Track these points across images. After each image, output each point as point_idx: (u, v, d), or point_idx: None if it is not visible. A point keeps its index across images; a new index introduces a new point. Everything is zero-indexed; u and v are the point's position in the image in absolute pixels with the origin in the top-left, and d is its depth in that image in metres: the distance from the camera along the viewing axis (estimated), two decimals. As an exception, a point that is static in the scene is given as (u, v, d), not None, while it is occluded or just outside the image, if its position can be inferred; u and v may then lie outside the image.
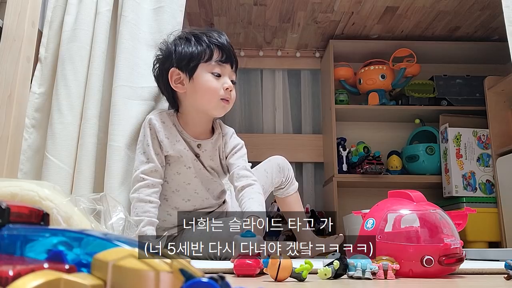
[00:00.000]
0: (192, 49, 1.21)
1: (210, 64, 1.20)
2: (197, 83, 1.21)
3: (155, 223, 1.16)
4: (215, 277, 0.26)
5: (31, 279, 0.21)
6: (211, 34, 1.23)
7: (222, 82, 1.20)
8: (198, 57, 1.20)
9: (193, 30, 1.27)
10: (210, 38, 1.21)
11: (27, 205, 0.37)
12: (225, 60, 1.21)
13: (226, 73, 1.22)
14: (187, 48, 1.21)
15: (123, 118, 1.37)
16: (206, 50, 1.20)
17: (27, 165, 1.40)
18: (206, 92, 1.21)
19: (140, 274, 0.23)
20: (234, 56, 1.24)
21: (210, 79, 1.20)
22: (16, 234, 0.35)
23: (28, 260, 0.31)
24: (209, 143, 1.28)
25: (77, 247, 0.30)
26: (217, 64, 1.20)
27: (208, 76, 1.20)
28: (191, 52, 1.20)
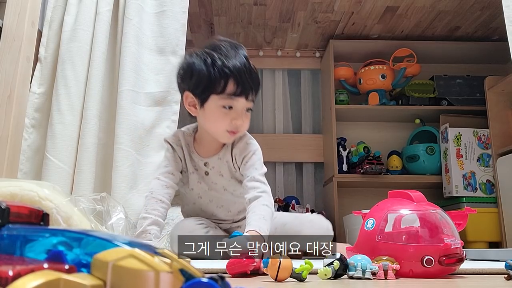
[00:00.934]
0: (206, 77, 1.12)
1: (223, 97, 1.12)
2: (207, 112, 1.16)
3: (161, 223, 1.16)
4: (215, 277, 0.26)
5: (31, 279, 0.20)
6: (228, 56, 1.12)
7: (231, 116, 1.14)
8: (211, 88, 1.13)
9: (213, 46, 1.16)
10: (226, 63, 1.11)
11: (27, 205, 0.37)
12: (240, 94, 1.12)
13: (239, 105, 1.14)
14: (202, 74, 1.13)
15: (132, 123, 1.37)
16: (221, 82, 1.11)
17: (27, 165, 1.40)
18: (213, 123, 1.17)
19: (140, 274, 0.23)
20: (252, 83, 1.14)
21: (219, 113, 1.14)
22: (15, 234, 0.35)
23: (28, 260, 0.31)
24: (216, 159, 1.24)
25: (77, 247, 0.30)
26: (229, 98, 1.12)
27: (218, 109, 1.14)
28: (205, 81, 1.13)
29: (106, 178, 1.40)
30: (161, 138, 1.41)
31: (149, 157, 1.39)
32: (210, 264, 0.82)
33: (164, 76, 1.45)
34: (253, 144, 1.24)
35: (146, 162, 1.39)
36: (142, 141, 1.39)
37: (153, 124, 1.42)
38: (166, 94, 1.44)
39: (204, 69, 1.12)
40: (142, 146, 1.38)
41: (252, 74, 1.14)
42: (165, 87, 1.44)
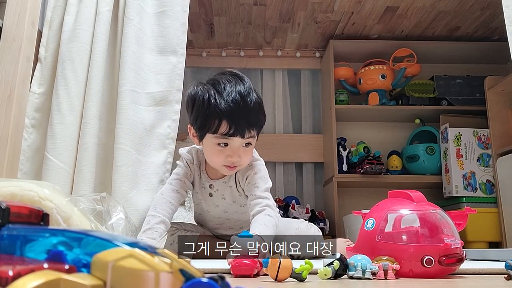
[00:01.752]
0: (202, 115, 1.13)
1: (217, 136, 1.13)
2: (204, 147, 1.20)
3: (167, 224, 1.19)
4: (215, 277, 0.26)
5: (31, 279, 0.20)
6: (223, 95, 1.11)
7: (226, 153, 1.14)
8: (206, 127, 1.13)
9: (214, 80, 1.15)
10: (219, 103, 1.10)
11: (27, 205, 0.37)
12: (233, 134, 1.12)
13: (234, 144, 1.14)
14: (199, 111, 1.14)
15: (132, 123, 1.37)
16: (214, 122, 1.11)
17: (27, 165, 1.40)
18: (210, 158, 1.20)
19: (140, 274, 0.23)
20: (247, 122, 1.12)
21: (215, 150, 1.16)
22: (16, 234, 0.35)
23: (28, 260, 0.31)
24: (221, 183, 1.26)
25: (77, 247, 0.30)
26: (223, 137, 1.13)
27: (213, 146, 1.15)
28: (201, 119, 1.14)
29: (106, 178, 1.40)
30: (162, 138, 1.41)
31: (150, 156, 1.39)
32: (209, 264, 0.82)
33: (165, 75, 1.45)
34: (255, 165, 1.24)
35: (147, 161, 1.39)
36: (142, 141, 1.39)
37: (154, 124, 1.42)
38: (167, 93, 1.44)
39: (200, 106, 1.13)
40: (142, 146, 1.38)
41: (250, 111, 1.12)
42: (166, 86, 1.44)
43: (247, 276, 0.73)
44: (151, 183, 1.37)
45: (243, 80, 1.15)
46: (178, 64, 1.46)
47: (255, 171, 1.23)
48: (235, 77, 1.14)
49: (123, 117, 1.37)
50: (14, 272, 0.21)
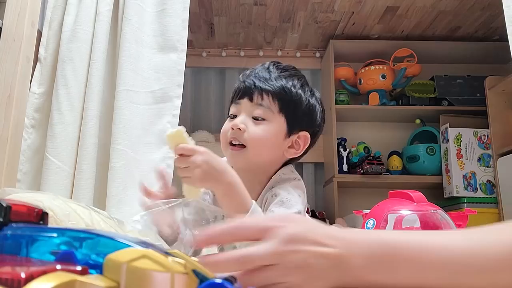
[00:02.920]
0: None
1: (230, 107, 0.98)
2: None
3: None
4: (229, 278, 0.26)
5: (45, 281, 0.20)
6: (249, 69, 1.00)
7: (232, 122, 0.94)
8: (230, 103, 1.00)
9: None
10: (246, 71, 0.99)
11: (26, 203, 0.36)
12: (240, 96, 0.94)
13: (243, 110, 0.94)
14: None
15: (129, 123, 1.36)
16: (234, 91, 0.98)
17: (27, 166, 1.39)
18: (220, 138, 0.97)
19: (155, 275, 0.23)
20: (259, 81, 0.94)
21: (225, 123, 0.97)
22: (20, 234, 0.34)
23: (36, 261, 0.30)
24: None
25: (85, 248, 0.30)
26: (233, 105, 0.96)
27: (227, 121, 0.98)
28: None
29: (106, 178, 1.39)
30: (162, 135, 1.40)
31: (148, 154, 1.38)
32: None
33: (165, 72, 1.44)
34: (283, 183, 0.95)
35: (145, 159, 1.38)
36: (140, 140, 1.38)
37: (153, 122, 1.41)
38: (167, 90, 1.43)
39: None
40: (140, 145, 1.37)
41: (269, 70, 0.96)
42: (166, 83, 1.44)
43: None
44: (148, 180, 1.35)
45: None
46: (178, 60, 1.45)
47: (279, 191, 0.91)
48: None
49: (119, 117, 1.37)
50: (27, 274, 0.21)
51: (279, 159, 0.97)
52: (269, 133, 0.92)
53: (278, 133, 0.93)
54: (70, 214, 0.56)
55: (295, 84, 0.95)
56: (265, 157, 0.94)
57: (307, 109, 0.96)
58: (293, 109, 0.94)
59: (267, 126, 0.92)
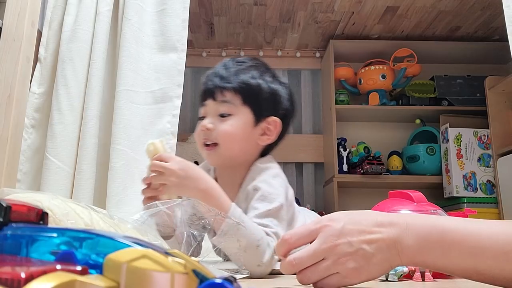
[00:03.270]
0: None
1: (199, 110, 1.01)
2: None
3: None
4: (229, 278, 0.26)
5: (45, 281, 0.20)
6: (209, 71, 1.03)
7: (201, 124, 0.98)
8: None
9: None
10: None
11: (26, 203, 0.36)
12: (204, 98, 0.98)
13: (209, 110, 0.98)
14: None
15: (129, 123, 1.36)
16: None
17: (27, 165, 1.39)
18: (195, 138, 1.03)
19: (155, 275, 0.23)
20: (218, 80, 0.97)
21: (197, 125, 1.01)
22: (20, 234, 0.34)
23: (36, 261, 0.30)
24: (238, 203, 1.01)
25: (85, 248, 0.30)
26: (201, 107, 1.00)
27: (198, 123, 1.01)
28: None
29: (106, 178, 1.39)
30: (162, 135, 1.40)
31: None
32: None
33: (165, 72, 1.44)
34: (262, 174, 0.96)
35: (145, 160, 1.38)
36: (140, 140, 1.38)
37: (153, 122, 1.41)
38: (167, 90, 1.43)
39: None
40: (140, 144, 1.37)
41: (227, 67, 0.98)
42: (166, 83, 1.44)
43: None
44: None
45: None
46: (178, 60, 1.45)
47: (259, 184, 0.93)
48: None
49: (119, 117, 1.37)
50: (27, 274, 0.21)
51: (253, 149, 1.00)
52: (236, 126, 0.95)
53: (246, 125, 0.97)
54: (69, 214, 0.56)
55: (254, 75, 0.98)
56: (237, 150, 0.97)
57: (270, 95, 0.99)
58: (255, 99, 0.97)
59: (234, 120, 0.96)
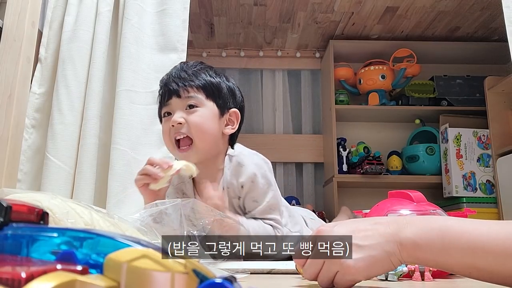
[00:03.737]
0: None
1: (161, 108, 1.06)
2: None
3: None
4: (229, 278, 0.26)
5: (45, 281, 0.20)
6: (164, 76, 1.10)
7: (170, 121, 1.01)
8: (158, 110, 1.09)
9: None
10: (159, 83, 1.09)
11: (26, 203, 0.36)
12: (167, 98, 1.03)
13: (174, 107, 1.02)
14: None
15: (129, 123, 1.36)
16: (159, 95, 1.08)
17: (27, 166, 1.39)
18: (164, 140, 1.06)
19: (155, 275, 0.23)
20: (179, 79, 1.03)
21: (162, 124, 1.06)
22: (21, 234, 0.34)
23: (36, 261, 0.30)
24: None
25: (86, 247, 0.30)
26: (164, 106, 1.05)
27: (162, 122, 1.06)
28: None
29: (106, 178, 1.39)
30: (162, 135, 1.40)
31: (148, 154, 1.38)
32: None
33: (165, 73, 1.44)
34: (247, 165, 1.03)
35: (145, 160, 1.38)
36: (140, 140, 1.38)
37: (153, 122, 1.41)
38: None
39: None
40: (140, 144, 1.37)
41: (184, 70, 1.04)
42: None
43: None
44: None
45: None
46: (178, 60, 1.45)
47: (250, 174, 1.01)
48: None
49: (119, 117, 1.37)
50: (27, 273, 0.21)
51: (221, 139, 1.06)
52: (206, 117, 1.02)
53: (213, 116, 1.03)
54: (69, 213, 0.56)
55: (211, 74, 1.06)
56: (210, 140, 1.02)
57: (229, 90, 1.08)
58: (217, 93, 1.05)
59: (202, 111, 1.02)
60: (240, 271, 0.77)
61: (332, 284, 0.54)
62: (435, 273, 0.72)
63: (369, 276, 0.54)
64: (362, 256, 0.51)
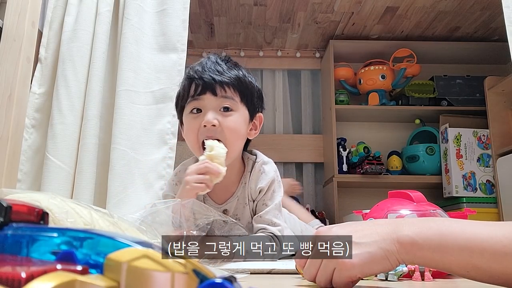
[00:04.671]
0: (180, 90, 1.04)
1: (189, 102, 0.99)
2: (184, 128, 1.03)
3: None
4: (229, 278, 0.26)
5: (45, 281, 0.20)
6: (195, 66, 1.02)
7: (200, 121, 0.96)
8: (181, 99, 1.02)
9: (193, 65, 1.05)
10: (194, 67, 1.01)
11: (26, 203, 0.36)
12: (201, 92, 0.96)
13: (208, 105, 0.97)
14: (179, 91, 1.05)
15: (129, 123, 1.36)
16: (185, 88, 1.00)
17: (27, 166, 1.39)
18: (187, 137, 1.01)
19: (155, 275, 0.23)
20: (218, 76, 0.97)
21: (189, 119, 0.99)
22: (21, 234, 0.34)
23: (36, 261, 0.30)
24: (234, 202, 1.05)
25: (86, 247, 0.30)
26: (194, 100, 0.98)
27: (188, 117, 0.99)
28: (177, 96, 1.05)
29: (106, 178, 1.39)
30: (162, 134, 1.40)
31: (148, 154, 1.39)
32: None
33: (165, 73, 1.45)
34: (268, 172, 1.04)
35: (145, 159, 1.38)
36: (140, 140, 1.38)
37: (153, 122, 1.41)
38: (167, 90, 1.43)
39: (180, 86, 1.05)
40: (140, 144, 1.37)
41: (223, 69, 0.98)
42: (166, 83, 1.44)
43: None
44: (148, 180, 1.36)
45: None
46: (178, 60, 1.45)
47: (267, 185, 1.02)
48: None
49: (119, 117, 1.37)
50: (27, 274, 0.21)
51: (243, 144, 1.05)
52: (239, 123, 0.99)
53: (245, 121, 1.01)
54: (69, 212, 0.56)
55: (244, 73, 1.02)
56: (238, 146, 1.01)
57: (259, 93, 1.05)
58: (250, 98, 1.02)
59: (236, 116, 0.98)
60: (240, 271, 0.77)
61: (331, 284, 0.54)
62: (435, 273, 0.72)
63: (365, 273, 0.54)
64: (359, 252, 0.52)
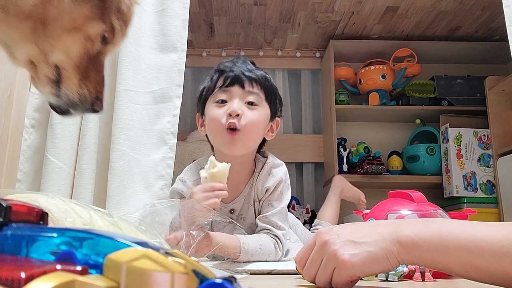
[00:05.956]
0: (205, 84, 1.08)
1: (214, 93, 1.04)
2: (206, 118, 1.06)
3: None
4: (229, 278, 0.26)
5: (45, 281, 0.20)
6: (224, 62, 1.09)
7: (225, 109, 1.01)
8: (205, 92, 1.07)
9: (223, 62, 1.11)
10: (219, 66, 1.07)
11: (26, 203, 0.36)
12: (229, 84, 1.02)
13: (234, 96, 1.02)
14: (201, 86, 1.10)
15: (128, 123, 1.36)
16: (212, 81, 1.05)
17: (27, 165, 1.39)
18: (210, 125, 1.04)
19: (155, 275, 0.23)
20: (247, 70, 1.04)
21: (214, 108, 1.03)
22: (20, 234, 0.34)
23: (36, 261, 0.30)
24: (241, 201, 1.08)
25: (85, 248, 0.30)
26: (221, 91, 1.03)
27: (213, 106, 1.03)
28: (201, 89, 1.09)
29: (106, 178, 1.39)
30: (162, 134, 1.40)
31: (148, 154, 1.38)
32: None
33: (165, 72, 1.44)
34: (275, 173, 1.07)
35: (145, 160, 1.38)
36: (139, 140, 1.37)
37: (153, 122, 1.41)
38: (167, 90, 1.43)
39: (205, 80, 1.10)
40: (139, 144, 1.37)
41: (250, 66, 1.07)
42: (166, 83, 1.43)
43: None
44: (148, 180, 1.36)
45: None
46: (178, 60, 1.45)
47: (274, 186, 1.05)
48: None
49: (119, 117, 1.37)
50: (27, 274, 0.21)
51: (258, 143, 1.10)
52: (261, 117, 1.04)
53: (266, 118, 1.06)
54: (68, 212, 0.56)
55: (269, 77, 1.10)
56: (254, 139, 1.06)
57: (279, 100, 1.12)
58: (274, 98, 1.08)
59: (259, 111, 1.04)
60: (240, 271, 0.77)
61: (330, 284, 0.54)
62: (435, 274, 0.72)
63: (365, 273, 0.54)
64: (359, 252, 0.52)
